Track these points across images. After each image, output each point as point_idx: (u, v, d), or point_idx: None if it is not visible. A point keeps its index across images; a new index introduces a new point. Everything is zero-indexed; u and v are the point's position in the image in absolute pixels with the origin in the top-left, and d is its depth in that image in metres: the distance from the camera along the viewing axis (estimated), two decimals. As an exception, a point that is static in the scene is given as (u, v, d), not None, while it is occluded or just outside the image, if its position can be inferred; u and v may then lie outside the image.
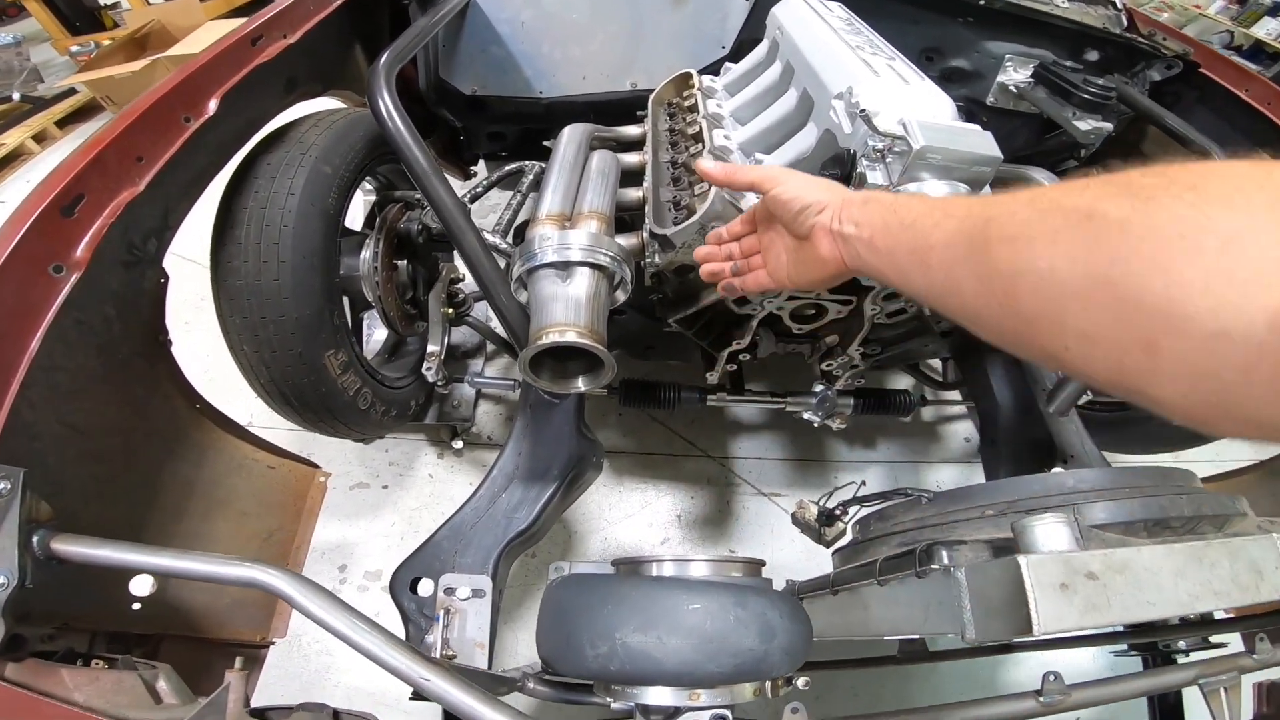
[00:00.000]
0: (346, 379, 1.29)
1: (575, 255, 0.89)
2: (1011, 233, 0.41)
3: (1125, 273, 0.34)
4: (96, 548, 0.71)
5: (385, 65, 1.22)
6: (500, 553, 1.06)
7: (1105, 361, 0.36)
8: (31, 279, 0.82)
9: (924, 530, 0.90)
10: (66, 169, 0.87)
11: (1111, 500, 0.80)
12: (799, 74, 1.14)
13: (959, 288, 0.45)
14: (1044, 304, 0.38)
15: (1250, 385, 0.29)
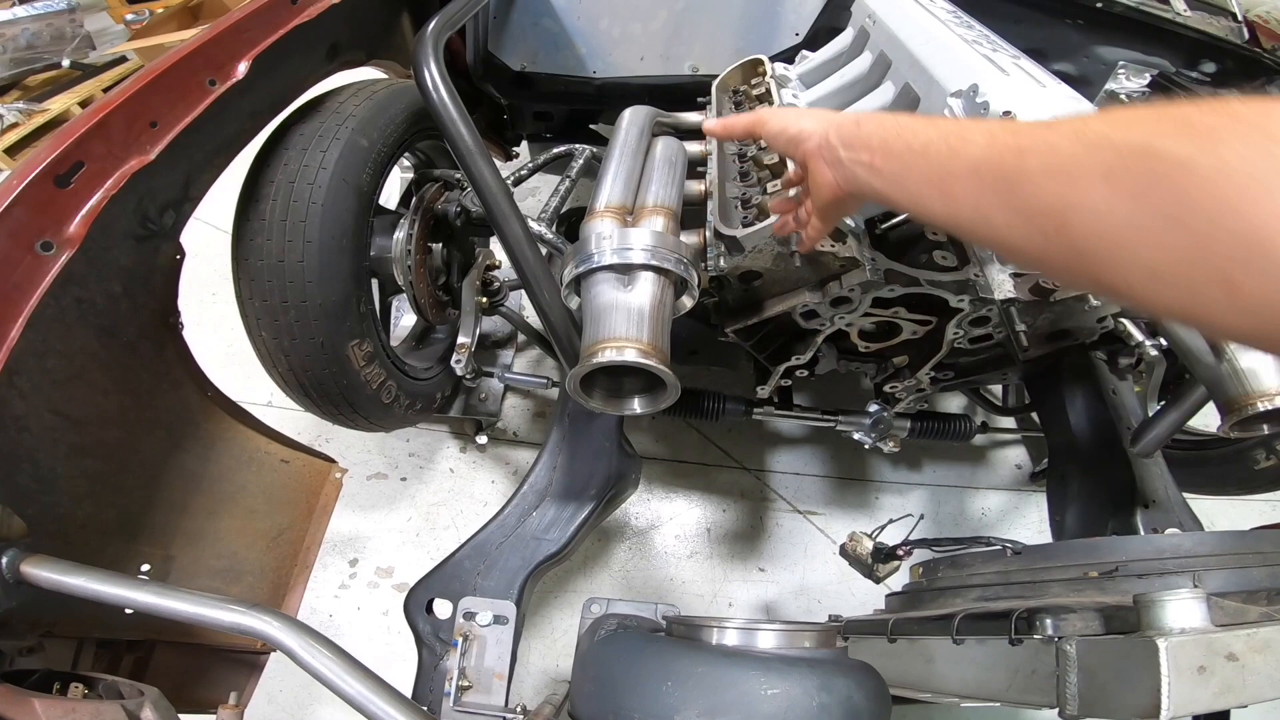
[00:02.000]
0: (370, 371, 1.21)
1: (638, 258, 0.77)
2: (1054, 166, 0.40)
3: (1195, 214, 0.33)
4: (70, 575, 0.65)
5: (433, 33, 1.13)
6: (527, 577, 0.99)
7: (1175, 297, 0.36)
8: (14, 258, 0.73)
9: (1011, 587, 0.83)
10: (65, 134, 0.78)
11: (1237, 568, 0.73)
12: (898, 66, 1.02)
13: (990, 220, 0.44)
14: (1101, 241, 0.37)
15: None
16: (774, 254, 0.92)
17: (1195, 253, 0.34)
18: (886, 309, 1.03)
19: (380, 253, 1.28)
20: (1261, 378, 0.95)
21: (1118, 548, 0.80)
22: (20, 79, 4.32)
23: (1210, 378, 1.02)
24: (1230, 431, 1.00)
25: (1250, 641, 0.59)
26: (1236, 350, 0.98)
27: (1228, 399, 0.98)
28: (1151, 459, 1.22)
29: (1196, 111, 0.35)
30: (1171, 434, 1.16)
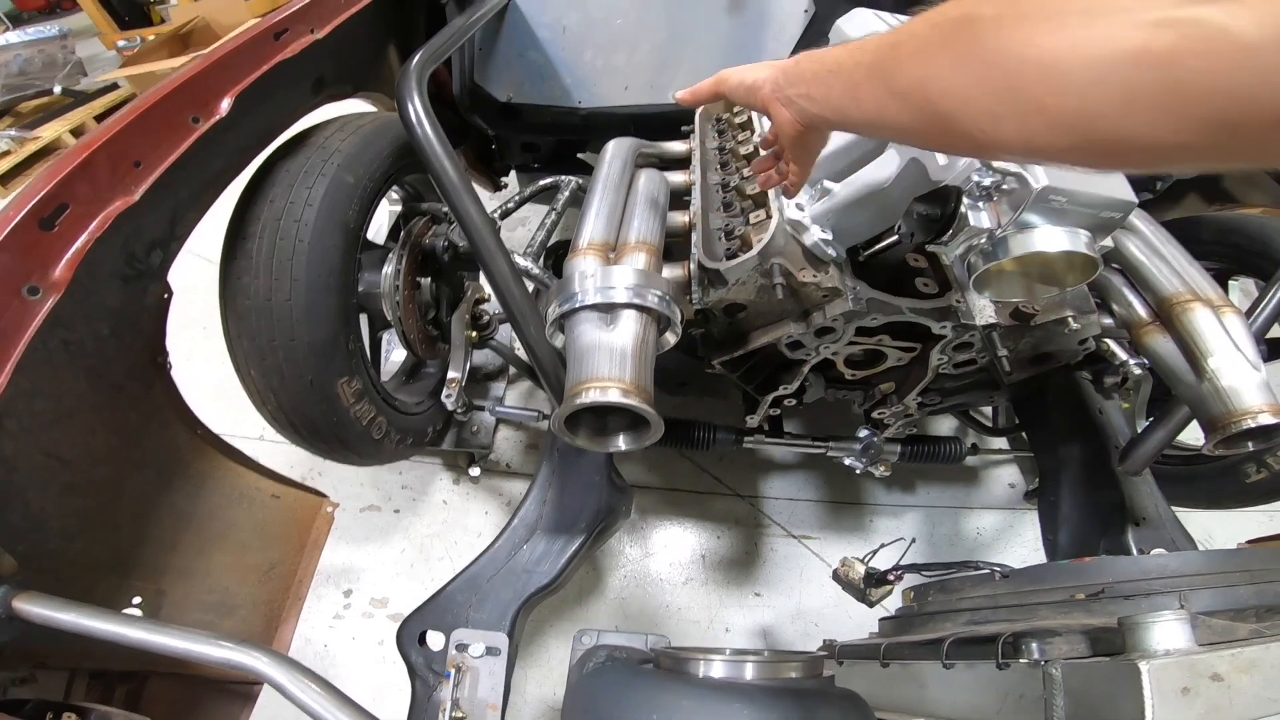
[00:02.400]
0: (360, 408, 1.20)
1: (621, 296, 0.77)
2: (913, 49, 0.47)
3: (1008, 56, 0.41)
4: (61, 611, 0.66)
5: (417, 66, 1.14)
6: (519, 608, 0.99)
7: (1014, 131, 0.42)
8: (2, 303, 0.73)
9: (999, 610, 0.83)
10: (49, 175, 0.78)
11: (1224, 587, 0.74)
12: None
13: (885, 111, 0.50)
14: (953, 99, 0.44)
15: (1132, 114, 0.37)
16: (757, 286, 0.92)
17: (1014, 88, 0.41)
18: (871, 337, 1.03)
19: (369, 288, 1.28)
20: (1243, 396, 0.97)
21: (1104, 569, 0.80)
22: (12, 105, 4.35)
23: (1192, 397, 1.03)
24: (1215, 449, 1.01)
25: (1235, 661, 0.59)
26: (1217, 369, 0.99)
27: (1211, 418, 0.99)
28: (1140, 477, 1.22)
29: None
30: (1159, 452, 1.17)
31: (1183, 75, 0.34)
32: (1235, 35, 0.32)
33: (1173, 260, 1.13)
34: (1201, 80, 0.34)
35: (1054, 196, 0.68)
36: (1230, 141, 0.35)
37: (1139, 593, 0.75)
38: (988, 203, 0.74)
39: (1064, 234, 0.70)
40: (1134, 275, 1.14)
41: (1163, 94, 0.35)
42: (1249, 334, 1.04)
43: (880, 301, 0.97)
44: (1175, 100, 0.35)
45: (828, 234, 0.93)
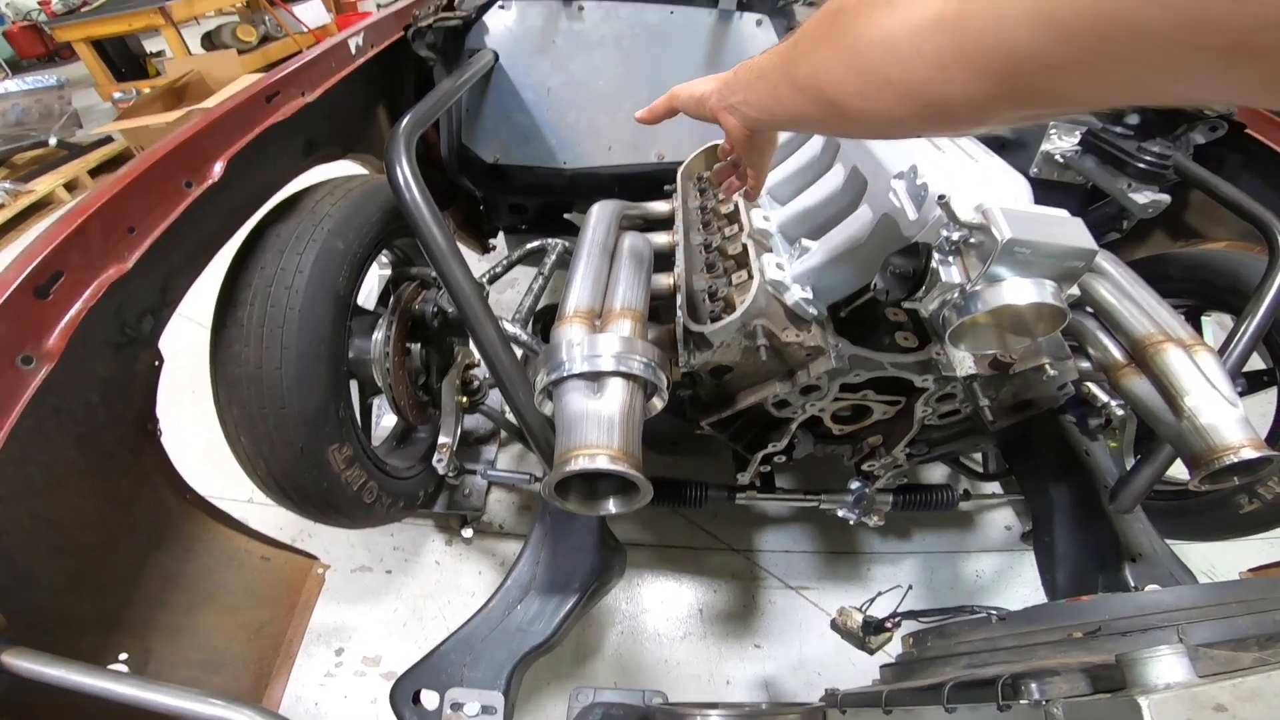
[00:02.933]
0: (351, 473, 1.20)
1: (607, 364, 0.78)
2: (807, 47, 0.52)
3: (862, 40, 0.45)
4: (50, 666, 0.65)
5: (406, 129, 1.16)
6: (514, 667, 0.98)
7: (879, 108, 0.46)
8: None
9: (997, 652, 0.83)
10: (44, 242, 0.78)
11: (1222, 619, 0.73)
12: (846, 149, 1.05)
13: (797, 105, 0.55)
14: (835, 87, 0.48)
15: (945, 77, 0.40)
16: (742, 348, 0.94)
17: (869, 68, 0.45)
18: (855, 392, 1.04)
19: (359, 354, 1.28)
20: (1223, 432, 0.97)
21: (1099, 607, 0.80)
22: (7, 157, 4.36)
23: (1173, 435, 1.04)
24: (1201, 485, 1.01)
25: (1237, 692, 0.60)
26: (1195, 408, 1.00)
27: (1193, 455, 1.00)
28: (1132, 514, 1.23)
29: None
30: (1148, 489, 1.17)
31: (966, 36, 0.38)
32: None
33: (1142, 302, 1.15)
34: (982, 36, 0.37)
35: (1018, 249, 0.70)
36: (1017, 90, 0.37)
37: (1136, 629, 0.74)
38: (957, 257, 0.75)
39: (1031, 286, 0.71)
40: (1106, 318, 1.16)
41: (957, 54, 0.39)
42: (1223, 371, 1.05)
43: (862, 358, 0.98)
44: (967, 58, 0.38)
45: (808, 293, 0.95)
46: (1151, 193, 1.50)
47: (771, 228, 1.07)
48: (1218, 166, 1.69)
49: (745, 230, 1.07)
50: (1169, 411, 1.04)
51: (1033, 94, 0.37)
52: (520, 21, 1.76)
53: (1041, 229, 0.71)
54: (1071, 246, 0.72)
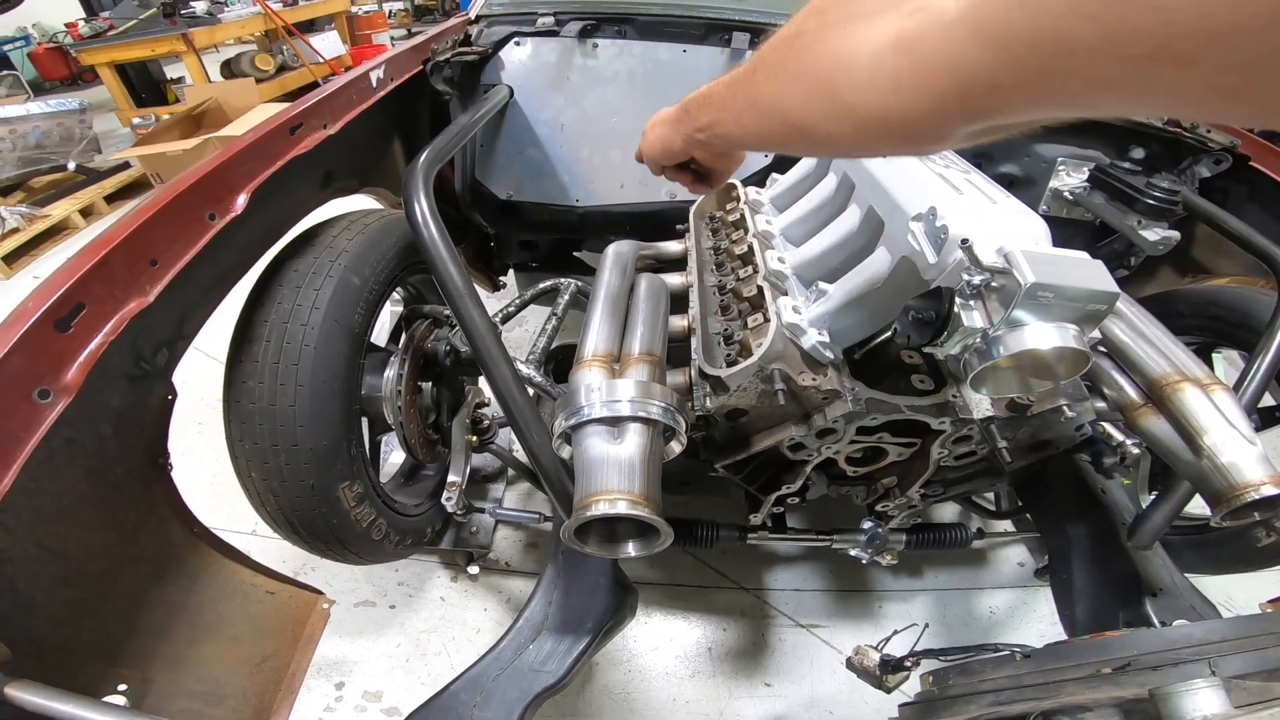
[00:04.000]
0: (361, 510, 1.19)
1: (625, 409, 0.78)
2: (766, 73, 0.52)
3: (823, 65, 0.45)
4: (52, 699, 0.65)
5: (423, 166, 1.17)
6: (525, 708, 0.96)
7: (844, 131, 0.46)
8: (12, 407, 0.72)
9: (1024, 690, 0.81)
10: (66, 274, 0.77)
11: (1253, 650, 0.72)
12: (861, 189, 1.05)
13: (764, 129, 0.55)
14: (799, 112, 0.48)
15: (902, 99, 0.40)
16: (758, 391, 0.94)
17: (831, 93, 0.45)
18: (871, 435, 1.03)
19: (370, 392, 1.28)
20: (1243, 470, 0.97)
21: (1128, 643, 0.79)
22: (25, 180, 4.35)
23: (1193, 474, 1.03)
24: (1223, 522, 1.00)
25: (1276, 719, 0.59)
26: (1214, 447, 1.00)
27: (1214, 493, 0.99)
28: (1151, 550, 1.21)
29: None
30: (1167, 525, 1.16)
31: (920, 55, 0.38)
32: (944, 13, 0.36)
33: (1157, 341, 1.15)
34: (933, 57, 0.37)
35: (1041, 293, 0.69)
36: (971, 108, 0.38)
37: (1166, 663, 0.73)
38: (978, 301, 0.74)
39: (1054, 330, 0.71)
40: (1121, 359, 1.16)
41: (913, 76, 0.39)
42: (1240, 410, 1.05)
43: (879, 401, 0.98)
44: (921, 80, 0.38)
45: (825, 336, 0.95)
46: (1161, 229, 1.50)
47: (787, 269, 1.07)
48: (1223, 199, 1.70)
49: (760, 272, 1.07)
50: (1188, 450, 1.03)
51: (985, 111, 0.38)
52: (535, 57, 1.79)
53: (1064, 272, 0.70)
54: (1094, 290, 0.71)
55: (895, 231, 0.91)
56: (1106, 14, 0.28)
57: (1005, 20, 0.33)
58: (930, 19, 0.37)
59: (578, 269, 1.99)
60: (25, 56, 8.39)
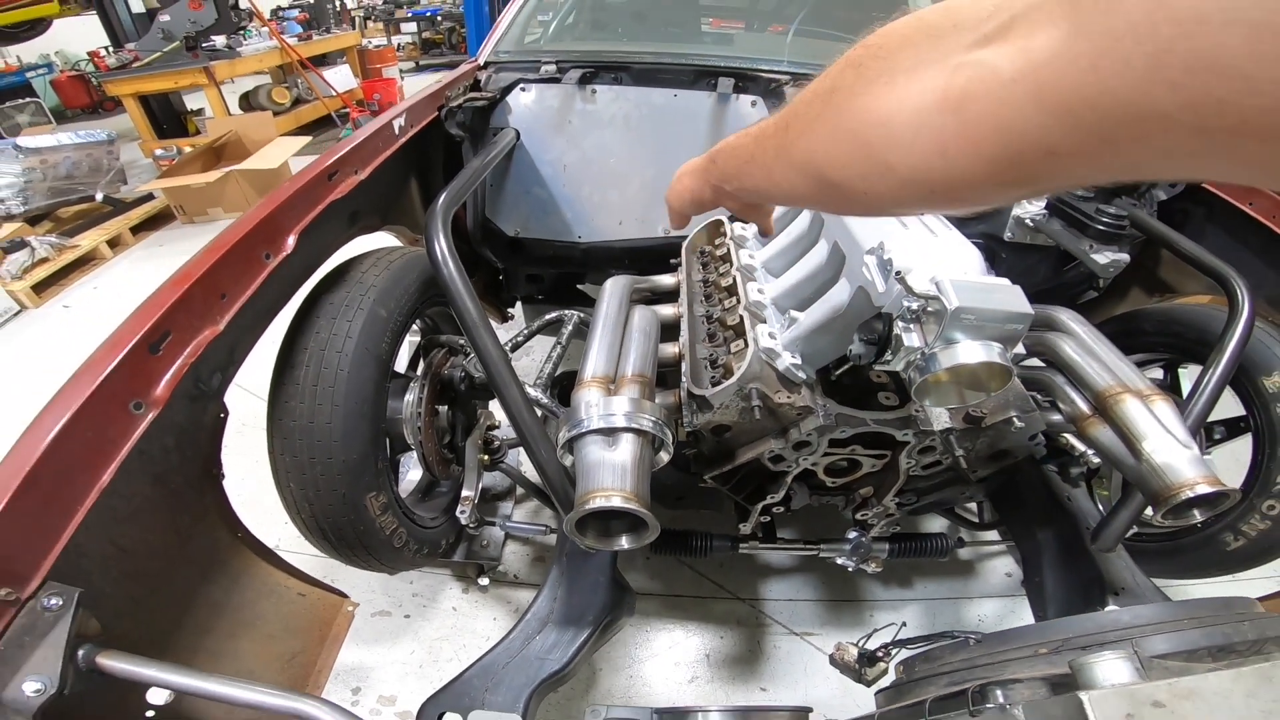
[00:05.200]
0: (384, 519, 1.30)
1: (619, 421, 0.91)
2: (801, 128, 0.50)
3: (860, 122, 0.43)
4: (142, 666, 0.74)
5: (442, 208, 1.28)
6: (532, 692, 1.05)
7: (882, 191, 0.44)
8: (112, 416, 0.84)
9: (974, 670, 0.89)
10: (156, 305, 0.91)
11: (1173, 632, 0.79)
12: (829, 225, 1.16)
13: (796, 186, 0.53)
14: (834, 169, 0.47)
15: (947, 160, 0.38)
16: (739, 408, 1.06)
17: (869, 152, 0.43)
18: (844, 448, 1.15)
19: (392, 414, 1.39)
20: (1179, 470, 1.06)
21: (1064, 627, 0.86)
22: (54, 209, 4.44)
23: (1136, 477, 1.12)
24: (1164, 519, 1.08)
25: (1174, 690, 0.64)
26: (1152, 451, 1.09)
27: (1153, 493, 1.08)
28: (1114, 552, 1.31)
29: (853, 50, 0.46)
30: (1128, 529, 1.25)
31: (970, 116, 0.36)
32: (999, 72, 0.34)
33: (1104, 357, 1.26)
34: (984, 120, 0.36)
35: (965, 315, 0.79)
36: (1020, 173, 0.36)
37: (1094, 644, 0.80)
38: (916, 324, 0.84)
39: (980, 347, 0.80)
40: (1070, 374, 1.27)
41: (959, 137, 0.37)
42: (1178, 417, 1.14)
43: (847, 415, 1.10)
44: (969, 141, 0.37)
45: (797, 359, 1.08)
46: (1112, 253, 1.60)
47: (765, 300, 1.20)
48: (1183, 221, 1.77)
49: (742, 303, 1.20)
50: (1130, 455, 1.13)
51: (1035, 176, 0.36)
52: (539, 102, 1.94)
53: (985, 297, 0.81)
54: (1010, 311, 0.81)
55: (854, 263, 1.01)
56: (1189, 81, 0.26)
57: (1073, 84, 0.30)
58: (982, 77, 0.35)
59: (580, 301, 2.11)
60: (48, 84, 8.50)
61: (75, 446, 0.79)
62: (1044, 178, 0.37)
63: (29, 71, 8.41)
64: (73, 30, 7.83)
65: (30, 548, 0.74)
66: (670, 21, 2.62)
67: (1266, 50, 0.24)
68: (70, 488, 0.79)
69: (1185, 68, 0.26)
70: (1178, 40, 0.26)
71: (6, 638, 0.70)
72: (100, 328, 0.87)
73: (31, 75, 8.38)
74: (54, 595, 0.72)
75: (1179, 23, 0.25)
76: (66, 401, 0.79)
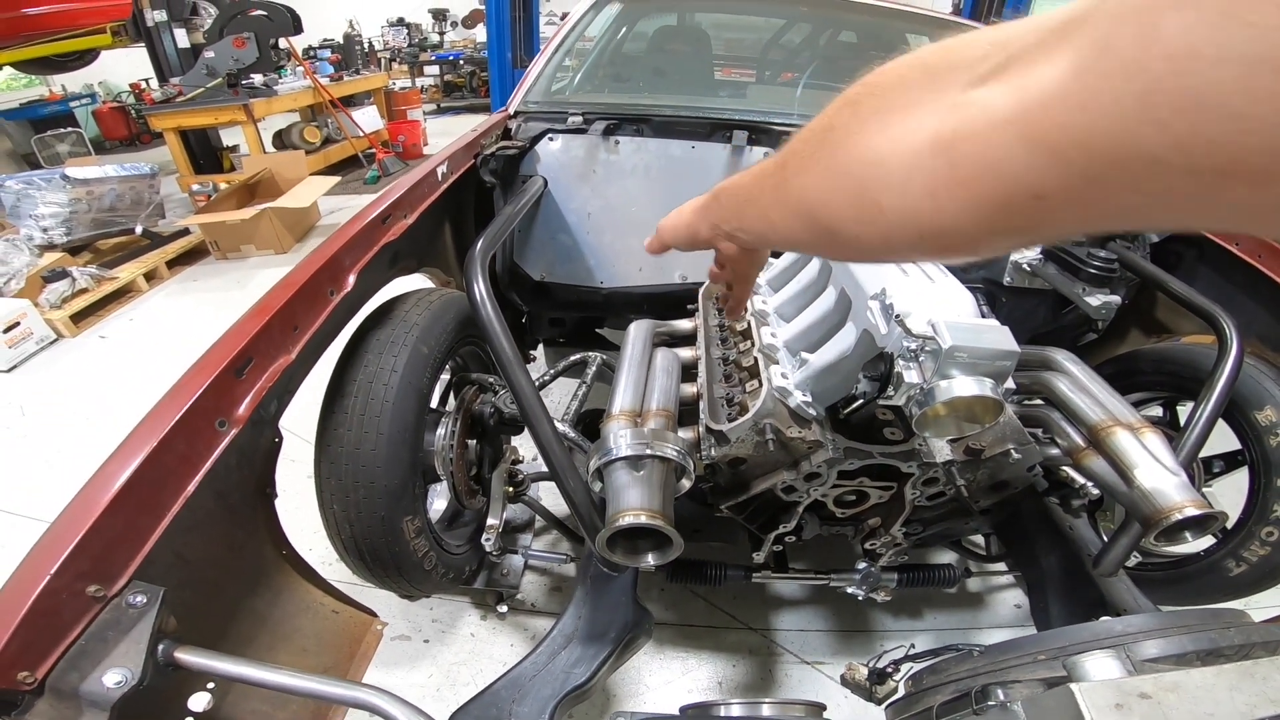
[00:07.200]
0: (418, 543, 1.38)
1: (646, 450, 1.01)
2: (796, 167, 0.49)
3: (854, 161, 0.42)
4: (218, 661, 0.80)
5: (480, 253, 1.37)
6: (557, 704, 1.10)
7: (874, 235, 0.42)
8: (201, 431, 0.93)
9: (978, 677, 0.93)
10: (241, 333, 1.01)
11: (1162, 638, 0.83)
12: (836, 272, 1.24)
13: (791, 229, 0.51)
14: (828, 211, 0.45)
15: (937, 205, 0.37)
16: (754, 442, 1.15)
17: (862, 194, 0.41)
18: (852, 479, 1.23)
19: (425, 446, 1.47)
20: (1169, 495, 1.13)
21: (1060, 636, 0.91)
22: (94, 241, 4.48)
23: (1129, 504, 1.19)
24: (1156, 542, 1.15)
25: (1159, 683, 0.70)
26: (1142, 478, 1.15)
27: (1144, 517, 1.15)
28: (1115, 577, 1.36)
29: (851, 89, 0.44)
30: (1128, 554, 1.30)
31: (959, 157, 0.35)
32: (990, 112, 0.33)
33: (1097, 394, 1.34)
34: (972, 160, 0.34)
35: (959, 353, 0.87)
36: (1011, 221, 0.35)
37: (1089, 650, 0.85)
38: (915, 362, 0.92)
39: (973, 382, 0.88)
40: (1066, 410, 1.35)
41: (949, 180, 0.35)
42: (1166, 447, 1.22)
43: (855, 449, 1.18)
44: (959, 184, 0.35)
45: (808, 397, 1.17)
46: (1103, 295, 1.68)
47: (778, 343, 1.29)
48: (1176, 262, 1.84)
49: (756, 346, 1.30)
50: (1121, 482, 1.20)
51: (1024, 224, 0.35)
52: (565, 152, 2.06)
53: (976, 337, 0.89)
54: (1000, 350, 0.89)
55: (859, 308, 1.08)
56: (1177, 121, 0.25)
57: (1061, 123, 0.29)
58: (974, 117, 0.34)
59: (600, 344, 2.19)
60: (90, 114, 8.54)
61: (169, 456, 0.87)
62: (1033, 225, 0.35)
63: (72, 101, 8.48)
64: (117, 62, 7.95)
65: (123, 548, 0.82)
66: (686, 74, 2.77)
67: (1261, 87, 0.23)
68: (161, 494, 0.87)
69: (1175, 106, 0.25)
70: (1167, 77, 0.25)
71: (90, 633, 0.75)
72: (136, 360, 0.95)
73: (75, 105, 8.43)
74: (139, 594, 0.79)
75: (1170, 59, 0.25)
76: (165, 415, 0.88)
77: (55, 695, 0.71)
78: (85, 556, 0.77)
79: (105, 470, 0.83)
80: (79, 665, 0.73)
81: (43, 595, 0.72)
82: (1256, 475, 1.56)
